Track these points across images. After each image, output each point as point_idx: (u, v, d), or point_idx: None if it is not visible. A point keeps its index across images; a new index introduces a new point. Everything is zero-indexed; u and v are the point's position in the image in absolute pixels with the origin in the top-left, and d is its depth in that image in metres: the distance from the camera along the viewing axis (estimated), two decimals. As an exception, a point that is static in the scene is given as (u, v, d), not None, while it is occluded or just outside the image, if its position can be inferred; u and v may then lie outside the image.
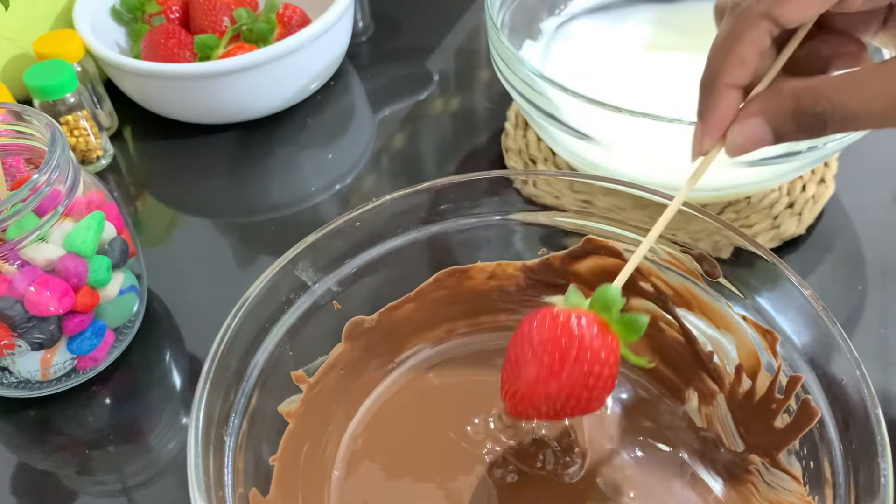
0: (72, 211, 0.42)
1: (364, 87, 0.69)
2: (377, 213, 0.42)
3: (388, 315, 0.44)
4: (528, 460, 0.39)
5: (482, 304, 0.46)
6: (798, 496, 0.35)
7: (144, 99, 0.64)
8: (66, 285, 0.42)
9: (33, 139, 0.44)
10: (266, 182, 0.60)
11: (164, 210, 0.59)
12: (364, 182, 0.60)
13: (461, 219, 0.43)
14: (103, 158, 0.61)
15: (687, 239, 0.40)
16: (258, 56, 0.59)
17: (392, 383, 0.43)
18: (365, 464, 0.40)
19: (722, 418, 0.40)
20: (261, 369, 0.38)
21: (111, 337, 0.46)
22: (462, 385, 0.43)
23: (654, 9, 0.63)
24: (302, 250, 0.40)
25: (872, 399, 0.32)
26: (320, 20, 0.60)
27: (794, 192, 0.54)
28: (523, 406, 0.32)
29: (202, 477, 0.32)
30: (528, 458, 0.39)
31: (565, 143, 0.51)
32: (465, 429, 0.41)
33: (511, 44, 0.50)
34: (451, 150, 0.62)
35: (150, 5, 0.65)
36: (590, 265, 0.44)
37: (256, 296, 0.38)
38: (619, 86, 0.57)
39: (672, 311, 0.42)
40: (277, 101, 0.63)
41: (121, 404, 0.47)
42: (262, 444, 0.38)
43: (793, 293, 0.37)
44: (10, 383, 0.45)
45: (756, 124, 0.32)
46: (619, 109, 0.44)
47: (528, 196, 0.44)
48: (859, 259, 0.51)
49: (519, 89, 0.50)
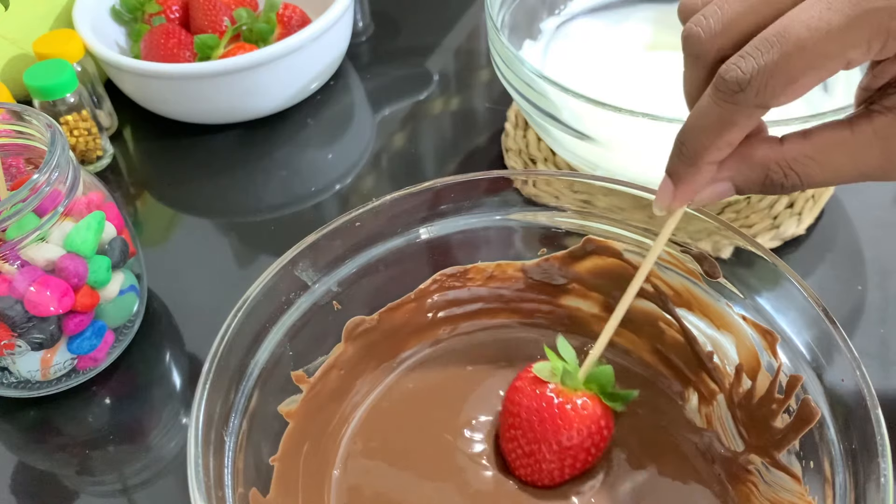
0: (72, 211, 0.43)
1: (364, 87, 0.69)
2: (377, 213, 0.42)
3: (388, 315, 0.44)
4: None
5: (481, 304, 0.46)
6: (798, 496, 0.35)
7: (144, 99, 0.64)
8: (66, 285, 0.42)
9: (33, 139, 0.44)
10: (266, 182, 0.60)
11: (164, 210, 0.59)
12: (364, 182, 0.60)
13: (461, 219, 0.43)
14: (103, 158, 0.61)
15: (687, 239, 0.40)
16: (258, 56, 0.59)
17: (392, 383, 0.43)
18: (365, 464, 0.40)
19: (722, 418, 0.40)
20: (261, 369, 0.38)
21: (111, 337, 0.46)
22: (462, 385, 0.43)
23: (654, 9, 0.63)
24: (302, 250, 0.40)
25: (872, 399, 0.32)
26: (320, 20, 0.60)
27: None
28: (540, 481, 0.38)
29: (202, 477, 0.32)
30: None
31: (565, 143, 0.51)
32: (465, 429, 0.41)
33: (511, 44, 0.50)
34: (451, 150, 0.62)
35: (150, 5, 0.66)
36: (590, 265, 0.44)
37: (256, 296, 0.38)
38: (619, 86, 0.57)
39: (672, 311, 0.42)
40: (277, 101, 0.63)
41: (121, 404, 0.47)
42: (262, 444, 0.38)
43: (793, 293, 0.37)
44: (10, 383, 0.45)
45: (722, 187, 0.33)
46: (619, 109, 0.44)
47: (528, 196, 0.44)
48: (859, 259, 0.51)
49: (519, 89, 0.50)
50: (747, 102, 0.29)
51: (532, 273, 0.45)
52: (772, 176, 0.32)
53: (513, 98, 0.52)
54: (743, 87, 0.29)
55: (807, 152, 0.31)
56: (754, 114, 0.30)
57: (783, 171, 0.31)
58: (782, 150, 0.32)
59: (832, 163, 0.31)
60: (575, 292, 0.45)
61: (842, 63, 0.28)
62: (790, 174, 0.31)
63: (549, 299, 0.45)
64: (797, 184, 0.32)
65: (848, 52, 0.28)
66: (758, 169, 0.32)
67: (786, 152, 0.31)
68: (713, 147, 0.31)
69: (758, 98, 0.29)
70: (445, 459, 0.40)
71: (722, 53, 0.30)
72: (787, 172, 0.31)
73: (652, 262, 0.37)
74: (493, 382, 0.43)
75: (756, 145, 0.32)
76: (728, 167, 0.33)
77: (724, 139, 0.31)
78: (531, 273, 0.45)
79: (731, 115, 0.30)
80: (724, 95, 0.30)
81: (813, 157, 0.31)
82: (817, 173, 0.31)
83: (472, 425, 0.41)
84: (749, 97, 0.29)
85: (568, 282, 0.45)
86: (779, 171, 0.32)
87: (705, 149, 0.32)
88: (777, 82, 0.28)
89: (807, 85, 0.29)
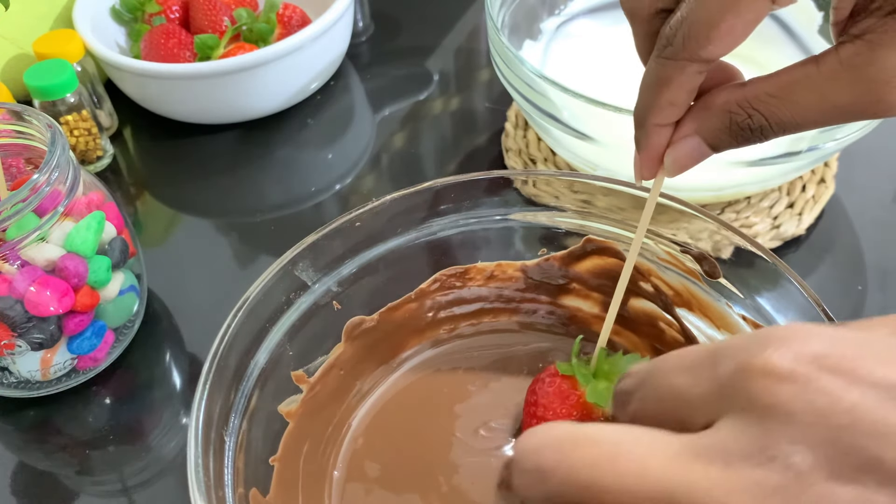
0: (72, 211, 0.43)
1: (364, 87, 0.69)
2: (377, 213, 0.42)
3: (388, 315, 0.44)
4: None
5: (482, 304, 0.46)
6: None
7: (144, 99, 0.64)
8: (66, 285, 0.42)
9: (33, 139, 0.44)
10: (266, 182, 0.60)
11: (164, 210, 0.59)
12: (364, 182, 0.60)
13: (461, 219, 0.43)
14: (103, 158, 0.61)
15: (687, 239, 0.40)
16: (258, 56, 0.59)
17: (392, 383, 0.43)
18: (365, 464, 0.40)
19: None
20: (261, 369, 0.38)
21: (111, 337, 0.46)
22: (462, 385, 0.43)
23: (654, 9, 0.63)
24: (302, 250, 0.40)
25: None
26: (320, 20, 0.60)
27: (794, 192, 0.54)
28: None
29: (202, 477, 0.32)
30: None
31: (565, 143, 0.51)
32: (464, 429, 0.41)
33: (511, 44, 0.50)
34: (451, 150, 0.62)
35: (150, 5, 0.65)
36: (590, 265, 0.44)
37: (256, 296, 0.38)
38: (619, 86, 0.57)
39: (672, 311, 0.42)
40: (277, 101, 0.63)
41: (121, 404, 0.47)
42: (262, 444, 0.38)
43: (793, 293, 0.37)
44: (10, 383, 0.45)
45: (690, 144, 0.31)
46: (619, 109, 0.44)
47: (528, 196, 0.44)
48: (859, 259, 0.51)
49: (519, 89, 0.50)
50: (676, 55, 0.29)
51: (532, 273, 0.45)
52: (735, 119, 0.30)
53: (513, 98, 0.52)
54: (670, 40, 0.28)
55: (769, 90, 0.29)
56: (687, 68, 0.29)
57: (746, 112, 0.29)
58: (744, 90, 0.30)
59: (799, 101, 0.29)
60: (575, 292, 0.45)
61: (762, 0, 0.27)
62: (754, 114, 0.29)
63: (549, 299, 0.45)
64: (764, 124, 0.29)
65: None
66: (719, 113, 0.30)
67: (747, 92, 0.30)
68: (655, 107, 0.31)
69: (685, 50, 0.28)
70: (446, 459, 0.40)
71: (656, 7, 0.30)
72: (751, 112, 0.29)
73: (643, 234, 0.35)
74: (492, 382, 0.43)
75: (719, 92, 0.30)
76: (691, 118, 0.31)
77: (663, 97, 0.30)
78: (531, 273, 0.45)
79: (664, 71, 0.29)
80: (656, 52, 0.29)
81: (776, 95, 0.29)
82: (783, 112, 0.29)
83: (473, 424, 0.41)
84: (676, 50, 0.28)
85: (568, 282, 0.45)
86: (741, 112, 0.29)
87: (648, 109, 0.31)
88: (699, 29, 0.28)
89: (734, 30, 0.27)
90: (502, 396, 0.42)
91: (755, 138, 0.30)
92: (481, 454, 0.40)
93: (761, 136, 0.30)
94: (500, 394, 0.42)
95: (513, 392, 0.42)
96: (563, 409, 0.37)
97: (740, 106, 0.30)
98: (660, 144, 0.32)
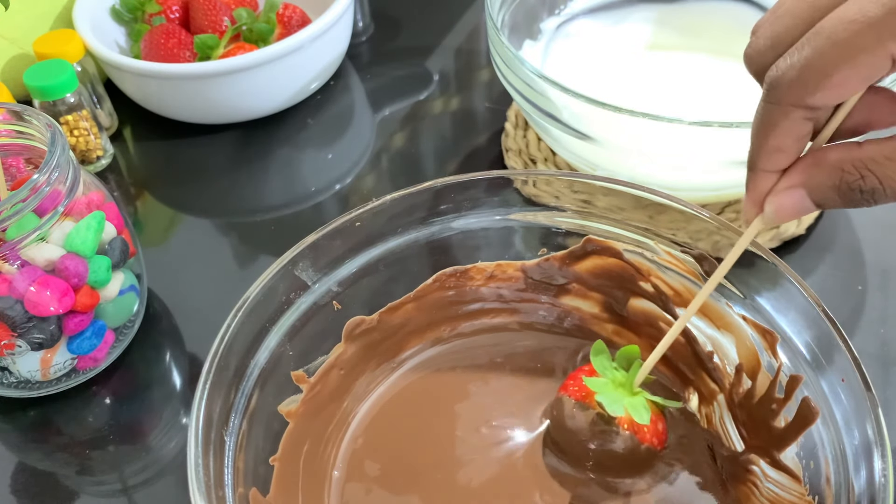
0: (72, 211, 0.43)
1: (364, 87, 0.69)
2: (377, 213, 0.42)
3: (388, 315, 0.44)
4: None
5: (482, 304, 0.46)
6: (798, 496, 0.35)
7: (144, 99, 0.64)
8: (66, 285, 0.42)
9: (33, 139, 0.44)
10: (266, 182, 0.60)
11: (164, 210, 0.59)
12: (364, 182, 0.60)
13: (461, 219, 0.43)
14: (103, 158, 0.61)
15: (687, 239, 0.40)
16: (258, 56, 0.59)
17: (392, 383, 0.43)
18: (365, 464, 0.40)
19: (722, 418, 0.40)
20: (261, 369, 0.38)
21: (111, 337, 0.46)
22: (462, 385, 0.43)
23: (654, 9, 0.63)
24: (302, 250, 0.40)
25: (872, 399, 0.32)
26: (320, 20, 0.60)
27: (794, 192, 0.54)
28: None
29: (202, 477, 0.32)
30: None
31: (565, 143, 0.51)
32: (464, 428, 0.41)
33: (511, 44, 0.50)
34: (451, 150, 0.62)
35: (150, 5, 0.65)
36: (590, 265, 0.44)
37: (256, 296, 0.38)
38: (619, 86, 0.57)
39: (672, 311, 0.42)
40: (277, 101, 0.63)
41: (121, 404, 0.47)
42: (262, 444, 0.38)
43: (793, 293, 0.37)
44: (10, 383, 0.45)
45: (795, 196, 0.31)
46: (619, 109, 0.44)
47: (528, 196, 0.44)
48: (859, 259, 0.51)
49: (519, 89, 0.50)
50: (781, 100, 0.28)
51: (532, 273, 0.45)
52: (847, 178, 0.29)
53: (513, 98, 0.52)
54: (777, 83, 0.28)
55: (886, 152, 0.28)
56: (791, 113, 0.28)
57: (859, 173, 0.29)
58: (859, 150, 0.29)
59: None
60: (575, 292, 0.45)
61: (883, 57, 0.26)
62: (867, 175, 0.28)
63: (549, 299, 0.45)
64: (877, 187, 0.28)
65: (887, 44, 0.26)
66: (830, 171, 0.29)
67: (863, 153, 0.29)
68: (762, 151, 0.30)
69: (791, 94, 0.28)
70: (446, 459, 0.40)
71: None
72: (864, 173, 0.28)
73: (713, 285, 0.36)
74: (493, 382, 0.43)
75: (832, 148, 0.30)
76: (800, 171, 0.30)
77: (770, 143, 0.30)
78: (531, 273, 0.45)
79: (770, 116, 0.29)
80: (764, 96, 0.29)
81: (893, 158, 0.28)
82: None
83: (473, 424, 0.41)
84: (782, 93, 0.28)
85: (568, 282, 0.45)
86: (854, 172, 0.29)
87: (756, 152, 0.31)
88: (809, 76, 0.27)
89: (847, 82, 0.27)
90: (502, 396, 0.42)
91: (864, 201, 0.29)
92: (482, 453, 0.40)
93: (872, 199, 0.29)
94: (501, 393, 0.42)
95: (513, 391, 0.42)
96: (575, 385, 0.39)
97: (854, 166, 0.29)
98: (764, 190, 0.31)
